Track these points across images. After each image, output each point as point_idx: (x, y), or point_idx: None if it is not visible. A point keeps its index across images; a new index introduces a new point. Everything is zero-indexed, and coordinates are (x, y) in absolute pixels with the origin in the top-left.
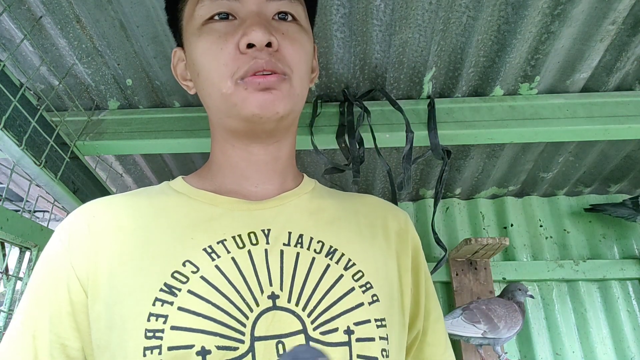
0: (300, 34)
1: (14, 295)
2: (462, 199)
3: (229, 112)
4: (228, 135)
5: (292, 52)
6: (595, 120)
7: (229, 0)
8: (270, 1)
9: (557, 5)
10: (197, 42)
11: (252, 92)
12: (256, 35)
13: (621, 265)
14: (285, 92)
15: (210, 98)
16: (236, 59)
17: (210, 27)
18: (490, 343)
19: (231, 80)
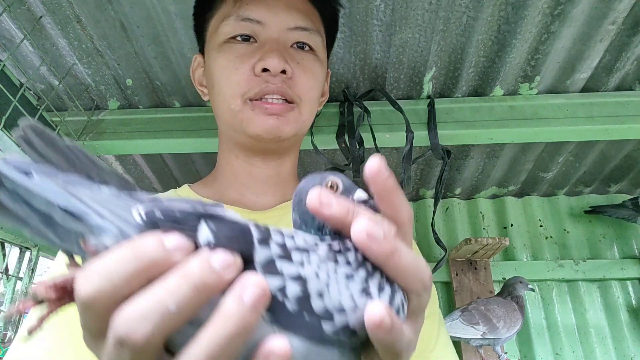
0: (314, 64)
1: (14, 295)
2: (462, 199)
3: (235, 127)
4: (233, 146)
5: (304, 80)
6: (595, 120)
7: (252, 24)
8: (291, 30)
9: (557, 5)
10: (217, 58)
11: (259, 115)
12: (272, 61)
13: (621, 265)
14: (290, 119)
15: (220, 110)
16: (249, 80)
17: (230, 46)
18: (490, 343)
19: (241, 99)
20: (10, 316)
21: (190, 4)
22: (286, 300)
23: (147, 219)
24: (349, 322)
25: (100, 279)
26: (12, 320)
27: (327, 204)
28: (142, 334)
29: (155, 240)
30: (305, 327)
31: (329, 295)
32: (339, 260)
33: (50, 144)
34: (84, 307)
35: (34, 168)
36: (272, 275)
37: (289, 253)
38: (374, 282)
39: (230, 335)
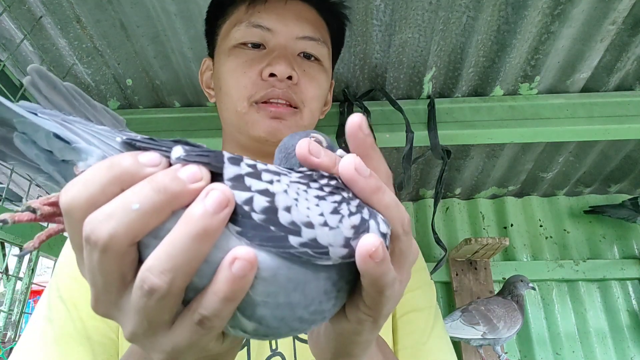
0: (319, 74)
1: (14, 295)
2: (462, 199)
3: (240, 128)
4: (237, 148)
5: (309, 88)
6: (595, 120)
7: (263, 31)
8: (299, 40)
9: (557, 5)
10: (226, 61)
11: (263, 118)
12: (279, 67)
13: (621, 265)
14: (293, 123)
15: (226, 112)
16: (256, 84)
17: (240, 50)
18: (490, 343)
19: (247, 102)
20: (2, 219)
21: (189, 3)
22: (253, 212)
23: (127, 141)
24: (317, 238)
25: (78, 188)
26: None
27: (315, 153)
28: (106, 231)
29: (130, 156)
30: (272, 239)
31: (297, 210)
32: (312, 185)
33: (52, 86)
34: (66, 215)
35: (40, 109)
36: (240, 190)
37: (259, 173)
38: (349, 206)
39: (191, 238)
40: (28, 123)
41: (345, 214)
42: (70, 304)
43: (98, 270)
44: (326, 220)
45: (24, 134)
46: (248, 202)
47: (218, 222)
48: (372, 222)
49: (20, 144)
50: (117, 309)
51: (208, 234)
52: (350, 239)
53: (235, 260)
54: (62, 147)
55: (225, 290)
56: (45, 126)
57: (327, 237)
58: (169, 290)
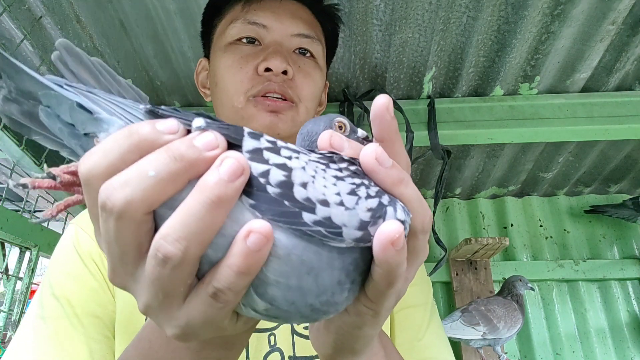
0: (314, 70)
1: (14, 295)
2: (462, 199)
3: (237, 123)
4: None
5: (304, 83)
6: (595, 120)
7: (258, 27)
8: (294, 36)
9: (557, 5)
10: (222, 57)
11: (260, 111)
12: (275, 62)
13: (621, 265)
14: (289, 118)
15: (223, 108)
16: (252, 79)
17: (236, 47)
18: (491, 343)
19: (244, 96)
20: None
21: (189, 2)
22: (268, 185)
23: (151, 109)
24: (331, 216)
25: (98, 156)
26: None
27: (338, 146)
28: (122, 197)
29: (148, 123)
30: (285, 214)
31: (313, 187)
32: (331, 166)
33: (79, 61)
34: (84, 184)
35: (65, 82)
36: (257, 162)
37: (279, 148)
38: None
39: (205, 206)
40: (52, 95)
41: (362, 196)
42: (64, 301)
43: (114, 238)
44: (342, 200)
45: (48, 107)
46: (264, 174)
47: (233, 191)
48: (390, 208)
49: (45, 117)
50: (133, 279)
51: (222, 202)
52: (366, 222)
53: (250, 234)
54: (85, 119)
55: (240, 263)
56: (69, 96)
57: (341, 216)
58: (184, 258)
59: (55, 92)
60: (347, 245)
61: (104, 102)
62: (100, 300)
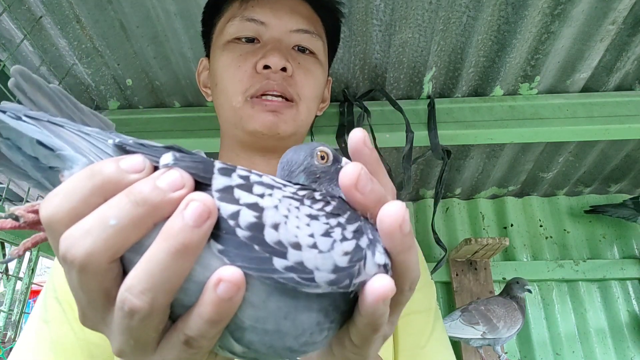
0: (315, 67)
1: (14, 295)
2: (462, 199)
3: (236, 123)
4: (234, 145)
5: (304, 80)
6: (595, 120)
7: (257, 24)
8: (293, 33)
9: (557, 5)
10: (221, 56)
11: (259, 112)
12: (273, 59)
13: (621, 265)
14: (289, 117)
15: (222, 108)
16: (251, 78)
17: (234, 45)
18: (490, 343)
19: (242, 96)
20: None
21: (189, 4)
22: (237, 228)
23: (119, 144)
24: (303, 261)
25: (59, 199)
26: (11, 320)
27: (362, 188)
28: (82, 249)
29: (112, 162)
30: (255, 260)
31: (285, 228)
32: (305, 202)
33: (37, 88)
34: (46, 228)
35: (24, 113)
36: (227, 202)
37: (251, 185)
38: (345, 231)
39: (170, 255)
40: (11, 128)
41: (337, 238)
42: (66, 305)
43: (79, 288)
44: (316, 242)
45: (8, 140)
46: (234, 216)
47: (199, 237)
48: (369, 252)
49: (6, 150)
50: (104, 324)
51: (188, 249)
52: (342, 267)
53: (220, 282)
54: (47, 154)
55: (210, 312)
56: (28, 132)
57: (314, 260)
58: (151, 310)
59: (13, 127)
60: (323, 291)
61: (69, 134)
62: None
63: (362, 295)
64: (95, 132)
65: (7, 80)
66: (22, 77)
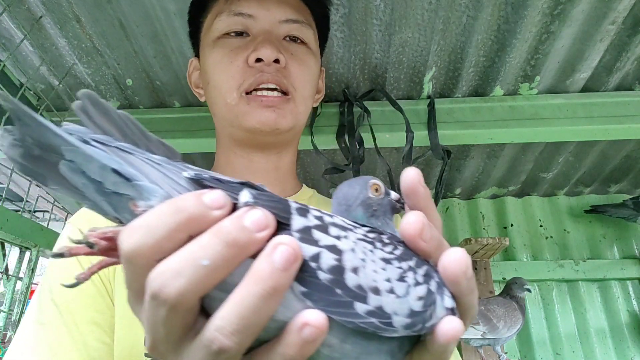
0: (307, 56)
1: (14, 295)
2: (462, 199)
3: (232, 121)
4: (231, 143)
5: (298, 71)
6: (595, 120)
7: (245, 18)
8: (282, 23)
9: (557, 5)
10: (211, 54)
11: (255, 108)
12: (265, 51)
13: (621, 265)
14: (287, 111)
15: (217, 106)
16: (244, 72)
17: (224, 41)
18: (490, 343)
19: (237, 92)
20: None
21: (188, 2)
22: (319, 271)
23: (195, 179)
24: (382, 306)
25: (142, 233)
26: (11, 320)
27: (426, 237)
28: (176, 289)
29: (194, 197)
30: (338, 304)
31: (364, 272)
32: (377, 245)
33: (104, 114)
34: (126, 261)
35: (91, 137)
36: (308, 244)
37: (327, 226)
38: (416, 275)
39: (260, 297)
40: (80, 153)
41: (411, 283)
42: (64, 309)
43: (162, 323)
44: (393, 287)
45: (71, 162)
46: (315, 258)
47: (287, 280)
48: (438, 296)
49: (67, 172)
50: (175, 355)
51: (277, 292)
52: (417, 312)
53: (305, 326)
54: (119, 182)
55: (293, 353)
56: (103, 160)
57: (392, 305)
58: (239, 349)
59: (82, 151)
60: (398, 335)
61: (139, 162)
62: (99, 307)
63: (433, 337)
64: (165, 162)
65: (7, 80)
66: (90, 101)
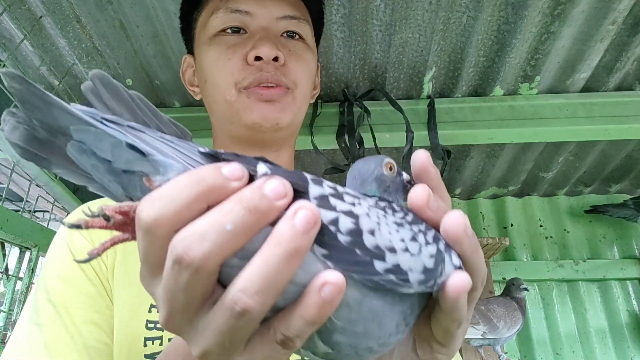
0: (305, 52)
1: (14, 295)
2: (462, 199)
3: (232, 118)
4: (229, 142)
5: (297, 67)
6: (595, 120)
7: (242, 15)
8: (280, 19)
9: (557, 5)
10: (208, 51)
11: (255, 102)
12: (264, 49)
13: (621, 265)
14: (286, 105)
15: (215, 104)
16: (242, 70)
17: (221, 38)
18: (491, 343)
19: (235, 89)
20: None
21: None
22: (339, 234)
23: (211, 154)
24: (399, 263)
25: (163, 203)
26: (12, 320)
27: (432, 207)
28: (200, 252)
29: (214, 169)
30: (358, 263)
31: (380, 234)
32: (388, 212)
33: (115, 95)
34: (145, 232)
35: (102, 116)
36: (326, 209)
37: (341, 195)
38: (426, 236)
39: (282, 259)
40: (92, 132)
41: (423, 243)
42: (61, 308)
43: (183, 289)
44: (407, 246)
45: (80, 143)
46: (334, 222)
47: (308, 242)
48: (446, 255)
49: (76, 153)
50: (191, 326)
51: (299, 253)
52: (429, 268)
53: (325, 285)
54: (133, 159)
55: (313, 314)
56: (116, 135)
57: (408, 262)
58: (262, 310)
59: (95, 129)
60: (414, 291)
61: (152, 140)
62: (97, 306)
63: (444, 293)
64: (177, 140)
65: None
66: (101, 81)
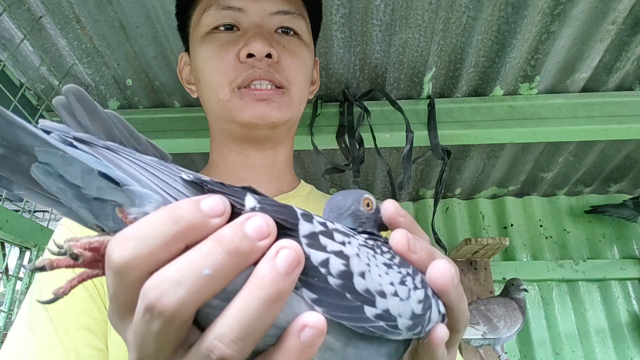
0: (300, 48)
1: (14, 295)
2: (462, 199)
3: (226, 117)
4: (226, 139)
5: (291, 64)
6: (595, 120)
7: (234, 12)
8: (273, 15)
9: (557, 5)
10: (200, 50)
11: (249, 102)
12: (256, 45)
13: (621, 265)
14: (282, 104)
15: (209, 103)
16: (235, 68)
17: (213, 36)
18: (491, 343)
19: (229, 88)
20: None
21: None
22: (329, 276)
23: (196, 181)
24: (389, 308)
25: (136, 244)
26: (11, 320)
27: (414, 249)
28: (174, 299)
29: (192, 203)
30: (348, 309)
31: (370, 277)
32: (377, 251)
33: (91, 112)
34: (116, 274)
35: (74, 135)
36: (316, 249)
37: (331, 232)
38: (414, 280)
39: (263, 303)
40: (59, 155)
41: (411, 287)
42: (54, 314)
43: (154, 337)
44: (396, 290)
45: (46, 165)
46: (324, 264)
47: (290, 284)
48: (433, 300)
49: (41, 176)
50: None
51: (280, 297)
52: (417, 314)
53: (305, 328)
54: (106, 187)
55: (293, 357)
56: (87, 162)
57: (397, 308)
58: (240, 358)
59: (63, 153)
60: (402, 337)
61: (128, 164)
62: (90, 312)
63: (428, 339)
64: (157, 163)
65: (7, 80)
66: (77, 97)
